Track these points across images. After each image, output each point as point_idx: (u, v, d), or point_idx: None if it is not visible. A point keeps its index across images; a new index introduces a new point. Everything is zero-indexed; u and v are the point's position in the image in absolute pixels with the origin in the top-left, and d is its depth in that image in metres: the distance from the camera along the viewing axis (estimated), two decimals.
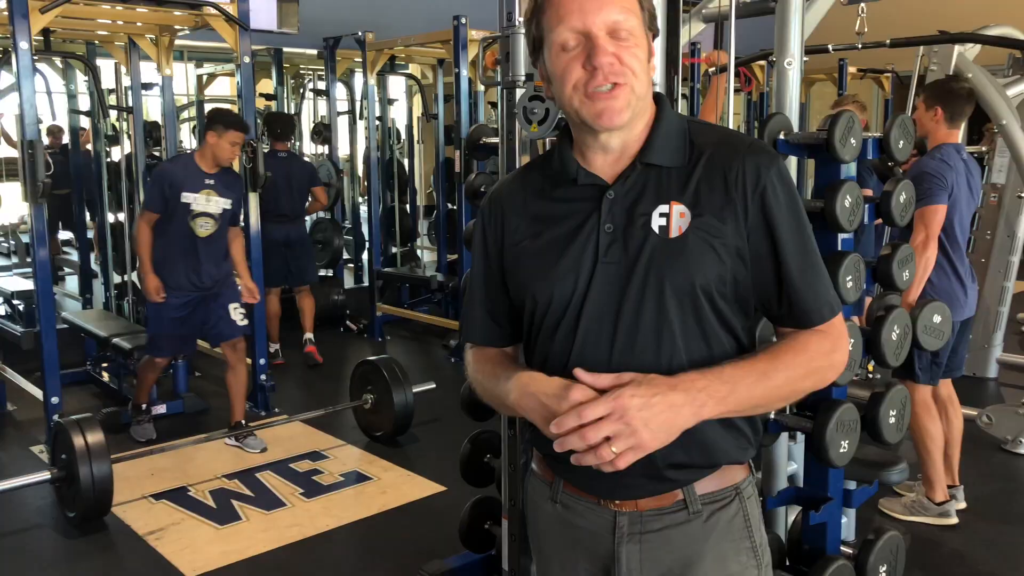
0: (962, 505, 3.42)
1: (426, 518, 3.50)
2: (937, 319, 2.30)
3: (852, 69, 8.22)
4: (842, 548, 2.24)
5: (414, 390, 4.26)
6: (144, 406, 4.32)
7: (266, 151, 4.46)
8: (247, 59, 4.30)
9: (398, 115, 8.24)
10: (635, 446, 1.07)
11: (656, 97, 1.24)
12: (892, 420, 2.03)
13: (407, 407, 4.19)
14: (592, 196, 1.21)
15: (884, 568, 2.17)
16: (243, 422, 4.17)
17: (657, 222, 1.17)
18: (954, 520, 3.34)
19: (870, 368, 3.69)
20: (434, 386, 4.62)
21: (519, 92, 2.00)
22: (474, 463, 2.82)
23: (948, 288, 3.22)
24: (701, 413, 1.10)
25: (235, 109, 4.83)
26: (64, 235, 8.74)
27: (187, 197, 3.92)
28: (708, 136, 1.22)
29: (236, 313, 4.10)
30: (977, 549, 3.20)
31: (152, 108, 7.41)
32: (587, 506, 1.26)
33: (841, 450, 1.92)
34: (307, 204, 5.66)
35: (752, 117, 8.22)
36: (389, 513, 3.54)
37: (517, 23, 1.99)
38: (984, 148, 5.64)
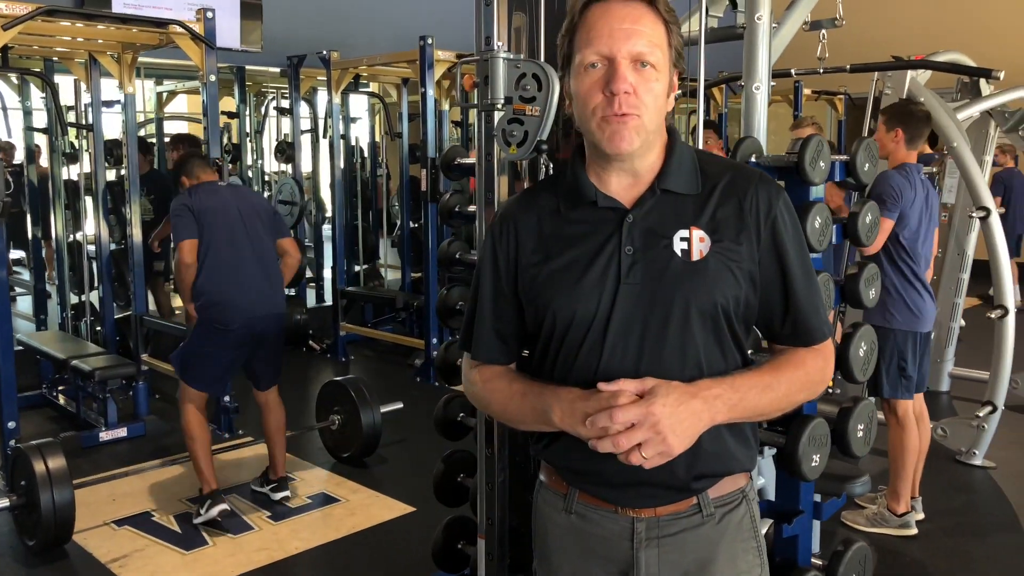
0: (920, 516, 3.52)
1: (396, 539, 3.48)
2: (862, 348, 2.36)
3: (807, 91, 8.45)
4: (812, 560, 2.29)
5: (382, 410, 4.24)
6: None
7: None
8: (213, 77, 4.27)
9: (361, 134, 8.22)
10: (663, 452, 1.15)
11: (668, 129, 1.30)
12: (860, 434, 2.09)
13: (375, 428, 4.17)
14: (611, 219, 1.26)
15: None
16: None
17: (679, 246, 1.23)
18: (914, 531, 3.42)
19: (831, 384, 3.79)
20: (401, 406, 4.60)
21: (497, 115, 2.03)
22: (447, 483, 2.81)
23: (913, 300, 3.33)
24: (715, 419, 1.19)
25: (200, 128, 4.78)
26: (14, 254, 8.54)
27: None
28: (717, 166, 1.30)
29: None
30: (936, 558, 3.28)
31: (109, 125, 7.29)
32: (603, 514, 1.30)
33: (813, 464, 1.96)
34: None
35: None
36: (359, 535, 3.51)
37: (496, 47, 2.02)
38: (935, 169, 5.83)
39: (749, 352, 1.60)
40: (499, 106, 2.01)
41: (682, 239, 1.23)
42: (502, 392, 1.33)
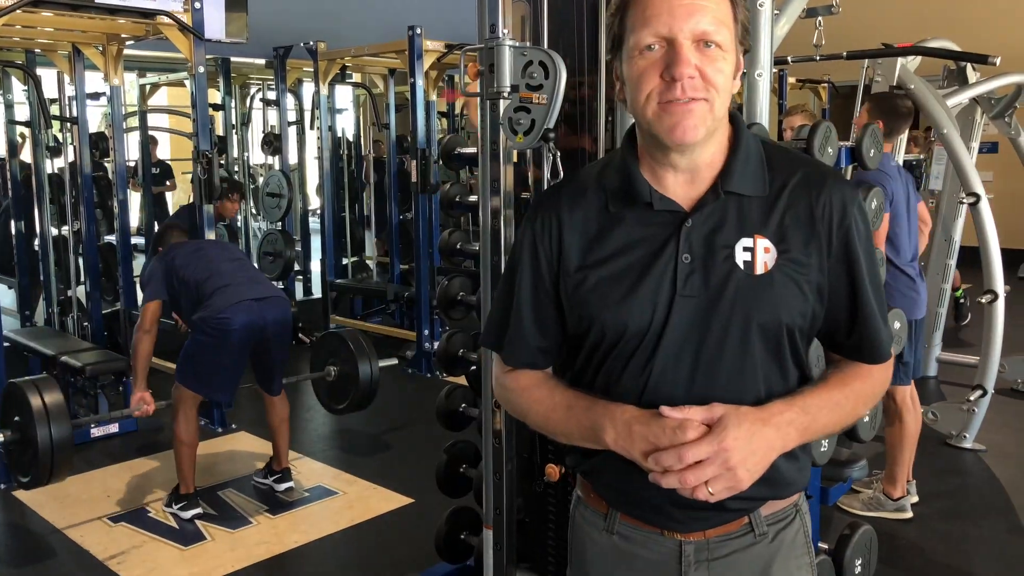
0: (914, 499, 3.55)
1: (396, 531, 3.48)
2: (896, 325, 2.40)
3: (791, 79, 8.47)
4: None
5: (379, 364, 4.13)
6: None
7: None
8: (202, 69, 4.22)
9: (346, 125, 8.16)
10: (732, 486, 1.06)
11: (731, 116, 1.16)
12: (867, 419, 2.11)
13: (372, 379, 4.03)
14: (668, 223, 1.14)
15: (859, 561, 2.25)
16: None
17: (741, 256, 1.12)
18: (909, 514, 3.46)
19: None
20: (396, 361, 4.55)
21: (503, 104, 2.02)
22: (450, 473, 2.81)
23: (903, 288, 3.36)
24: (787, 446, 1.11)
25: (181, 120, 4.72)
26: None
27: None
28: (786, 162, 1.18)
29: None
30: (932, 541, 3.32)
31: (93, 119, 7.19)
32: (648, 535, 1.21)
33: (822, 449, 1.98)
34: None
35: None
36: (358, 527, 3.50)
37: (501, 35, 2.01)
38: (922, 156, 5.88)
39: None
40: (505, 94, 2.00)
41: (745, 249, 1.11)
42: (543, 403, 1.22)
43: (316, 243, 7.16)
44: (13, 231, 5.94)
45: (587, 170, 1.27)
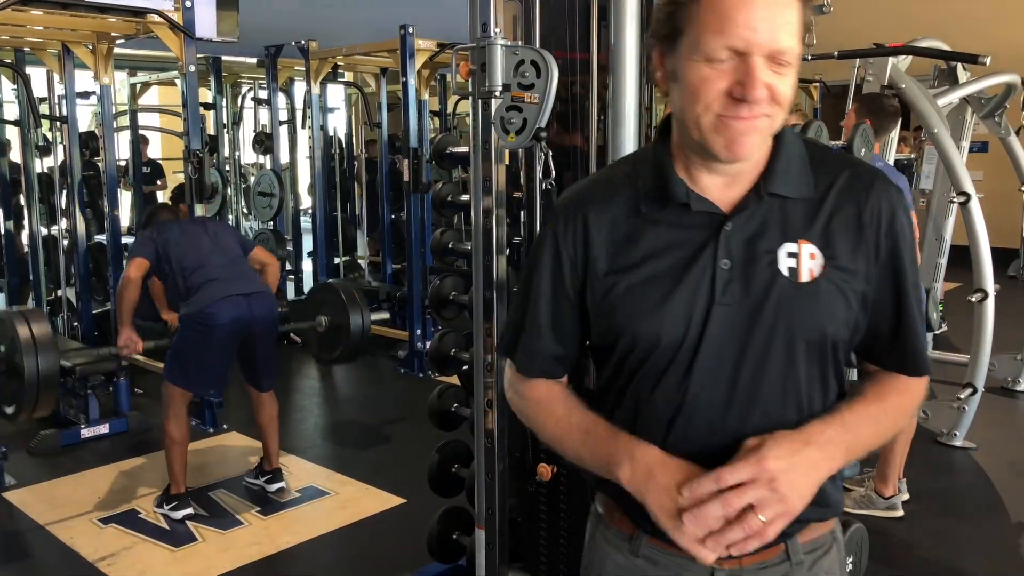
0: (905, 497, 3.57)
1: (388, 531, 3.47)
2: None
3: None
4: None
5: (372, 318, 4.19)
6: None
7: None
8: (192, 68, 4.20)
9: (338, 124, 8.14)
10: (785, 511, 0.98)
11: None
12: None
13: (363, 330, 4.04)
14: (705, 224, 1.07)
15: (851, 559, 2.25)
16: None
17: (785, 263, 1.04)
18: (900, 512, 3.47)
19: None
20: (388, 316, 4.54)
21: (494, 103, 2.01)
22: (442, 473, 2.81)
23: None
24: (832, 467, 1.04)
25: (180, 120, 4.70)
26: None
27: None
28: (830, 162, 1.11)
29: None
30: (923, 539, 3.33)
31: (83, 118, 7.15)
32: (678, 561, 1.12)
33: None
34: None
35: None
36: (350, 528, 3.49)
37: (493, 34, 2.01)
38: (913, 156, 5.89)
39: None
40: (497, 93, 2.00)
41: (790, 255, 1.04)
42: (560, 422, 1.16)
43: (308, 243, 7.15)
44: (2, 230, 5.92)
45: (615, 167, 1.21)
